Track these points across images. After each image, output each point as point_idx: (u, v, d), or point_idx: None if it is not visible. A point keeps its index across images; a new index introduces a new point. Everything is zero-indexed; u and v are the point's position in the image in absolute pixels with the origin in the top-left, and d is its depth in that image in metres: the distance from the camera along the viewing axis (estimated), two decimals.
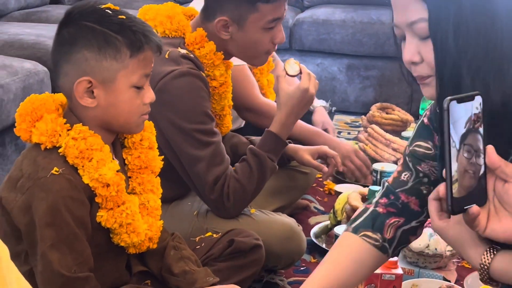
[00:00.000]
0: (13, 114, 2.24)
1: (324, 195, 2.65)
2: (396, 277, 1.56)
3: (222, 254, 1.76)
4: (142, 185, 1.56)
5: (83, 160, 1.42)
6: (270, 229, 1.92)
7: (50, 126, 1.42)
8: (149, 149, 1.57)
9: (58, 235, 1.39)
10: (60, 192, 1.38)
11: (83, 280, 1.41)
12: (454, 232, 1.15)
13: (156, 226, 1.58)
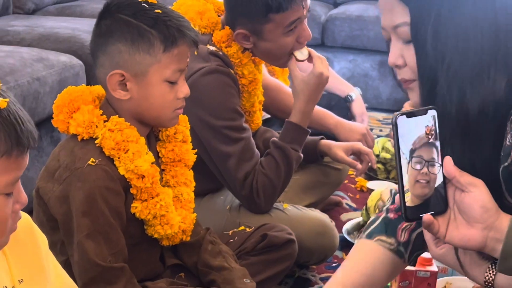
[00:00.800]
0: (49, 106, 2.29)
1: (356, 192, 2.64)
2: (431, 274, 1.55)
3: (255, 248, 1.76)
4: (175, 178, 1.57)
5: (119, 151, 1.43)
6: (303, 224, 1.92)
7: (87, 117, 1.43)
8: (183, 142, 1.58)
9: (94, 225, 1.40)
10: (96, 182, 1.40)
11: (118, 270, 1.42)
12: (453, 256, 1.17)
13: (190, 218, 1.59)
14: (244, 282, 1.60)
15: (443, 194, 1.08)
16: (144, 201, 1.47)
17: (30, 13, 3.36)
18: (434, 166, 1.07)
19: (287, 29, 1.83)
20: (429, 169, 1.07)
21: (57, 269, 1.17)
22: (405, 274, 1.54)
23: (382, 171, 2.71)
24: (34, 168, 2.27)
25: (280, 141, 1.89)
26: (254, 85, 1.95)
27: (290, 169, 1.90)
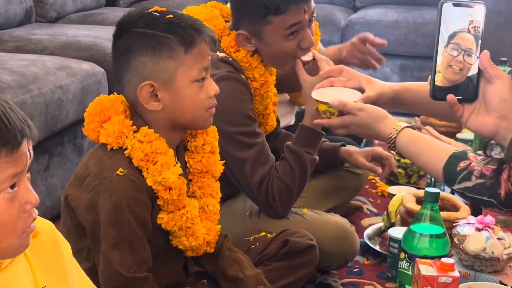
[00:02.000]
0: (71, 114, 2.31)
1: (377, 197, 2.63)
2: (452, 280, 1.53)
3: (276, 254, 1.76)
4: (202, 189, 1.57)
5: (148, 163, 1.44)
6: (323, 228, 1.92)
7: (117, 128, 1.44)
8: (210, 153, 1.58)
9: (120, 234, 1.41)
10: (124, 193, 1.41)
11: (142, 280, 1.43)
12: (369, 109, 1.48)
13: (214, 230, 1.59)
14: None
15: (475, 84, 1.21)
16: (171, 212, 1.48)
17: (52, 21, 3.40)
18: (470, 56, 1.19)
19: (287, 32, 1.83)
20: (465, 58, 1.19)
21: (81, 276, 1.18)
22: (426, 280, 1.53)
23: (403, 176, 2.70)
24: (57, 175, 2.30)
25: (294, 145, 1.89)
26: (266, 87, 1.95)
27: (304, 172, 1.90)
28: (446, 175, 1.39)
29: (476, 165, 1.35)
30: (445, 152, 1.41)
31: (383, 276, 2.02)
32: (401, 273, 1.74)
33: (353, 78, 1.67)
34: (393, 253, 1.95)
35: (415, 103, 1.64)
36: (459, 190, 1.37)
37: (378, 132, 1.50)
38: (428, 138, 1.50)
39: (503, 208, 1.32)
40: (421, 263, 1.59)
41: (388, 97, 1.63)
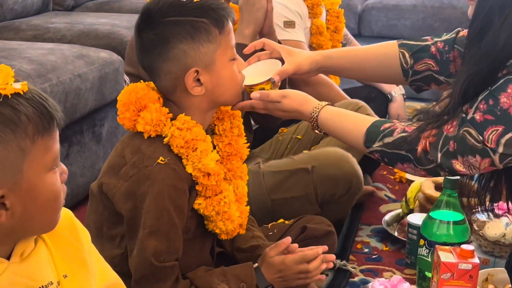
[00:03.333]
0: (90, 102, 2.32)
1: (395, 183, 2.62)
2: (472, 266, 1.53)
3: (295, 240, 1.77)
4: (232, 171, 1.58)
5: (188, 150, 1.44)
6: (323, 155, 2.00)
7: (155, 116, 1.44)
8: (238, 136, 1.59)
9: (158, 223, 1.42)
10: (165, 181, 1.41)
11: (169, 268, 1.44)
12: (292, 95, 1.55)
13: (245, 212, 1.61)
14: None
15: None
16: (208, 197, 1.48)
17: (69, 10, 3.41)
18: None
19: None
20: None
21: (101, 264, 1.19)
22: (446, 267, 1.53)
23: None
24: (77, 163, 2.32)
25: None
26: None
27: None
28: (368, 136, 1.45)
29: (399, 125, 1.43)
30: (368, 120, 1.49)
31: (401, 262, 2.02)
32: (421, 260, 1.74)
33: (274, 51, 1.70)
34: (411, 239, 1.94)
35: (342, 70, 1.71)
36: (378, 147, 1.43)
37: (302, 114, 1.56)
38: (351, 112, 1.58)
39: (418, 165, 1.39)
40: (440, 250, 1.59)
41: (308, 68, 1.68)
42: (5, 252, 0.98)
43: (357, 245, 2.13)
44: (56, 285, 1.03)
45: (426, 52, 1.61)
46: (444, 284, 1.54)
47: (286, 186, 1.99)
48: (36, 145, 0.93)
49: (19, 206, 0.94)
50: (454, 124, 1.34)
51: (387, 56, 1.64)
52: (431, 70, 1.61)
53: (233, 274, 1.51)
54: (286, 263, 1.55)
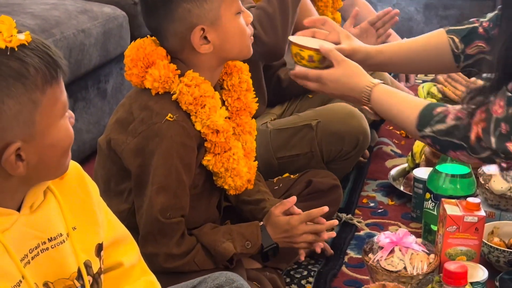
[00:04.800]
0: (94, 58, 2.31)
1: (401, 138, 2.62)
2: (478, 219, 1.54)
3: (300, 194, 1.78)
4: (241, 126, 1.58)
5: (196, 106, 1.43)
6: (329, 111, 1.99)
7: (163, 72, 1.43)
8: (246, 91, 1.58)
9: (166, 180, 1.42)
10: (173, 138, 1.41)
11: (175, 225, 1.45)
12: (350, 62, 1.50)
13: (254, 168, 1.61)
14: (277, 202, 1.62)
15: None
16: (217, 154, 1.48)
17: None
18: None
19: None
20: None
21: (109, 217, 1.19)
22: (452, 219, 1.53)
23: None
24: (82, 120, 2.31)
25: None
26: None
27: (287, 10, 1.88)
28: (421, 119, 1.38)
29: (452, 109, 1.36)
30: (421, 102, 1.43)
31: (407, 216, 2.03)
32: (426, 213, 1.74)
33: (333, 32, 1.66)
34: (417, 193, 1.95)
35: (393, 64, 1.66)
36: (431, 133, 1.37)
37: (353, 86, 1.48)
38: (403, 93, 1.50)
39: (472, 153, 1.33)
40: (446, 203, 1.59)
41: (360, 57, 1.62)
42: (16, 204, 0.99)
43: (362, 200, 2.14)
44: (65, 237, 1.04)
45: (474, 33, 1.55)
46: (450, 237, 1.55)
47: (291, 143, 1.99)
48: (46, 96, 0.93)
49: (35, 155, 0.94)
50: (502, 104, 1.27)
51: (437, 45, 1.59)
52: (482, 52, 1.54)
53: (239, 233, 1.52)
54: (291, 223, 1.56)
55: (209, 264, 1.48)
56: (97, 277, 1.09)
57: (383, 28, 2.14)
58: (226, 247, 1.47)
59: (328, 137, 1.95)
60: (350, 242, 1.89)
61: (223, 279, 1.23)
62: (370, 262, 1.54)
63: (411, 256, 1.53)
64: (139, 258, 1.20)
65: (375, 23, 2.12)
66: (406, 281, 1.49)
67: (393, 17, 2.15)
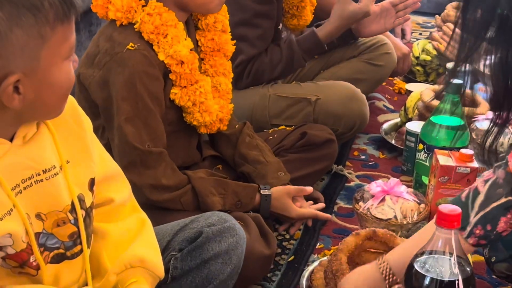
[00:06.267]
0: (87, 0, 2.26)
1: (394, 94, 2.61)
2: (471, 170, 1.54)
3: (293, 145, 1.77)
4: (214, 67, 1.56)
5: (158, 35, 1.42)
6: (331, 89, 1.97)
7: (125, 2, 1.42)
8: (222, 32, 1.57)
9: (133, 109, 1.42)
10: (135, 67, 1.40)
11: (157, 155, 1.44)
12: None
13: (227, 108, 1.60)
14: (278, 176, 1.61)
15: None
16: (184, 87, 1.47)
17: None
18: None
19: None
20: None
21: (101, 152, 1.18)
22: (444, 170, 1.54)
23: (421, 74, 2.66)
24: None
25: (297, 44, 1.92)
26: None
27: (287, 71, 1.96)
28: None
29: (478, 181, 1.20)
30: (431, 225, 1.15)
31: (397, 169, 2.03)
32: (418, 164, 1.74)
33: None
34: (409, 146, 1.95)
35: None
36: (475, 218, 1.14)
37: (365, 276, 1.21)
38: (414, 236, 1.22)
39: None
40: (439, 153, 1.59)
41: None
42: (9, 135, 0.98)
43: (353, 152, 2.14)
44: (58, 169, 1.03)
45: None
46: (441, 187, 1.55)
47: (287, 113, 1.96)
48: (55, 33, 0.91)
49: (32, 92, 0.93)
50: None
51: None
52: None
53: (234, 191, 1.51)
54: (298, 213, 1.60)
55: (193, 208, 1.47)
56: (90, 211, 1.09)
57: (403, 11, 2.12)
58: (214, 201, 1.47)
59: (325, 116, 1.92)
60: (340, 192, 1.90)
61: (215, 219, 1.23)
62: (360, 210, 1.55)
63: (401, 205, 1.53)
64: (130, 195, 1.19)
65: (397, 5, 2.10)
66: (396, 229, 1.50)
67: (415, 3, 2.12)
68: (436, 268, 1.01)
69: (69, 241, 1.05)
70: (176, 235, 1.22)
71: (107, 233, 1.13)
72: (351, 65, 2.19)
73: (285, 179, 1.62)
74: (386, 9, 2.10)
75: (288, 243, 1.64)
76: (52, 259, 1.03)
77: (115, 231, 1.14)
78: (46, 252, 1.02)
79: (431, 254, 1.02)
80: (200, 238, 1.19)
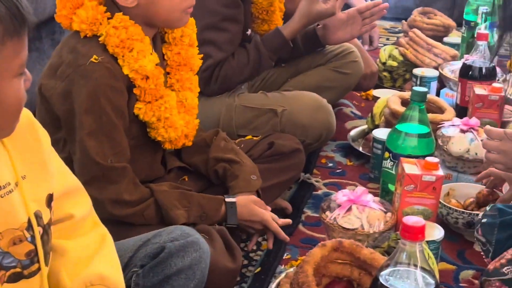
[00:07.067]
0: (49, 7, 2.22)
1: (361, 100, 2.61)
2: (436, 178, 1.53)
3: (261, 155, 1.75)
4: (180, 82, 1.54)
5: (123, 49, 1.39)
6: (297, 100, 1.96)
7: (91, 14, 1.39)
8: (189, 46, 1.54)
9: (96, 123, 1.39)
10: (99, 80, 1.37)
11: (120, 170, 1.41)
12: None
13: (193, 124, 1.57)
14: (249, 179, 1.60)
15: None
16: (148, 103, 1.45)
17: None
18: None
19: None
20: None
21: (60, 166, 1.15)
22: (410, 178, 1.53)
23: (388, 79, 2.67)
24: (36, 71, 2.23)
25: (262, 44, 1.91)
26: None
27: (255, 72, 1.96)
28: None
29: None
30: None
31: (365, 176, 2.03)
32: (385, 173, 1.74)
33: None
34: (376, 154, 1.94)
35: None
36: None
37: None
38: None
39: None
40: (405, 162, 1.59)
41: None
42: None
43: (321, 160, 2.13)
44: (13, 186, 1.00)
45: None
46: (407, 195, 1.54)
47: (254, 124, 1.95)
48: (4, 48, 0.88)
49: None
50: None
51: None
52: None
53: (198, 203, 1.48)
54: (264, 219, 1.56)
55: (157, 222, 1.44)
56: (47, 228, 1.05)
57: (370, 19, 2.12)
58: (178, 215, 1.44)
59: (291, 127, 1.91)
60: (308, 201, 1.88)
61: (178, 233, 1.20)
62: (327, 219, 1.54)
63: (368, 214, 1.52)
64: (90, 210, 1.16)
65: (363, 12, 2.10)
66: (363, 238, 1.49)
67: (381, 10, 2.12)
68: (401, 280, 1.01)
69: (26, 259, 1.01)
70: (138, 250, 1.19)
71: (66, 250, 1.10)
72: (318, 73, 2.18)
73: (255, 184, 1.60)
74: (353, 17, 2.10)
75: (255, 254, 1.62)
76: (9, 278, 1.00)
77: (74, 247, 1.11)
78: (2, 271, 0.98)
79: (395, 266, 1.02)
80: (162, 253, 1.17)
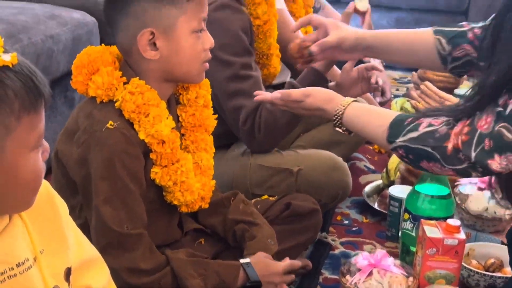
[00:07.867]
0: (63, 65, 2.23)
1: (374, 153, 2.59)
2: (458, 242, 1.50)
3: (278, 216, 1.73)
4: (195, 143, 1.53)
5: (140, 115, 1.38)
6: (313, 159, 1.92)
7: (106, 80, 1.39)
8: (204, 107, 1.54)
9: (112, 189, 1.37)
10: (114, 146, 1.36)
11: (136, 237, 1.39)
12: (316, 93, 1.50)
13: (209, 185, 1.56)
14: (267, 243, 1.57)
15: None
16: (164, 167, 1.43)
17: None
18: None
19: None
20: None
21: (78, 236, 1.13)
22: (432, 242, 1.50)
23: None
24: (48, 129, 2.20)
25: (297, 82, 1.87)
26: (269, 25, 1.92)
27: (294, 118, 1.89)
28: (391, 130, 1.34)
29: (425, 119, 1.32)
30: (392, 114, 1.39)
31: (382, 235, 1.99)
32: (405, 234, 1.71)
33: (321, 26, 1.66)
34: (393, 212, 1.91)
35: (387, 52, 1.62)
36: (402, 143, 1.32)
37: (325, 112, 1.49)
38: (376, 108, 1.48)
39: (446, 164, 1.27)
40: (426, 224, 1.56)
41: (352, 43, 1.62)
42: None
43: (337, 217, 2.10)
44: (32, 262, 0.98)
45: (463, 38, 1.51)
46: (429, 259, 1.51)
47: (269, 183, 1.92)
48: (21, 123, 0.87)
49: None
50: (489, 120, 1.22)
51: (424, 44, 1.54)
52: (470, 55, 1.50)
53: (215, 271, 1.46)
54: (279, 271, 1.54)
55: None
56: None
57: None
58: (194, 284, 1.41)
59: (307, 186, 1.88)
60: (325, 261, 1.85)
61: None
62: (347, 284, 1.50)
63: (389, 278, 1.49)
64: (109, 280, 1.14)
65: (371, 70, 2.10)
66: None
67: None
68: None
69: None
70: None
71: None
72: (330, 127, 2.16)
73: (272, 248, 1.58)
74: (362, 73, 2.09)
75: None
76: None
77: None
78: None
79: None
80: None
